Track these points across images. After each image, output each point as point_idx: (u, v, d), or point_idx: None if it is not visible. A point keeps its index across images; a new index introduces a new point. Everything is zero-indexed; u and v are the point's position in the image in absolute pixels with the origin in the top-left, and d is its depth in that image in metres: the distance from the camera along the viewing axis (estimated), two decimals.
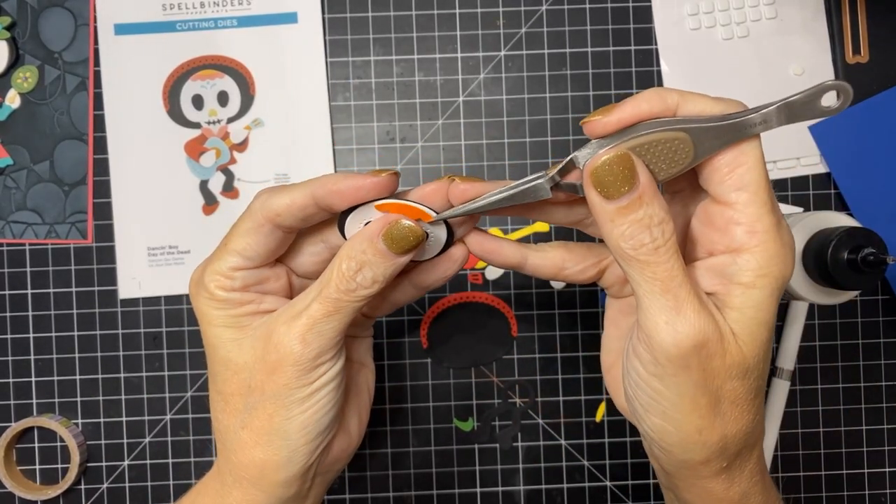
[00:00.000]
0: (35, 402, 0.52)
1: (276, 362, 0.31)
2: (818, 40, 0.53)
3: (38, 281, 0.52)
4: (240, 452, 0.32)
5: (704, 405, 0.28)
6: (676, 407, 0.28)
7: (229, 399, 0.32)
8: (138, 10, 0.52)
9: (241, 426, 0.32)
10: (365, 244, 0.31)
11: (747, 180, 0.28)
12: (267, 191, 0.32)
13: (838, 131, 0.52)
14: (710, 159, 0.28)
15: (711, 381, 0.28)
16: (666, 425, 0.29)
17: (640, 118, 0.28)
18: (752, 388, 0.28)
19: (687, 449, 0.29)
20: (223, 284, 0.32)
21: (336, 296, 0.31)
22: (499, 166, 0.53)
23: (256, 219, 0.31)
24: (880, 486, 0.53)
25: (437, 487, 0.52)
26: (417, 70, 0.53)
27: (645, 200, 0.27)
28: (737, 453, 0.29)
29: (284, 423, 0.31)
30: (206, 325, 0.32)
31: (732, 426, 0.28)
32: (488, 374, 0.53)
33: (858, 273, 0.38)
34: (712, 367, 0.27)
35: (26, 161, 0.52)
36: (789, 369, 0.51)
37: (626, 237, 0.27)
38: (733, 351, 0.28)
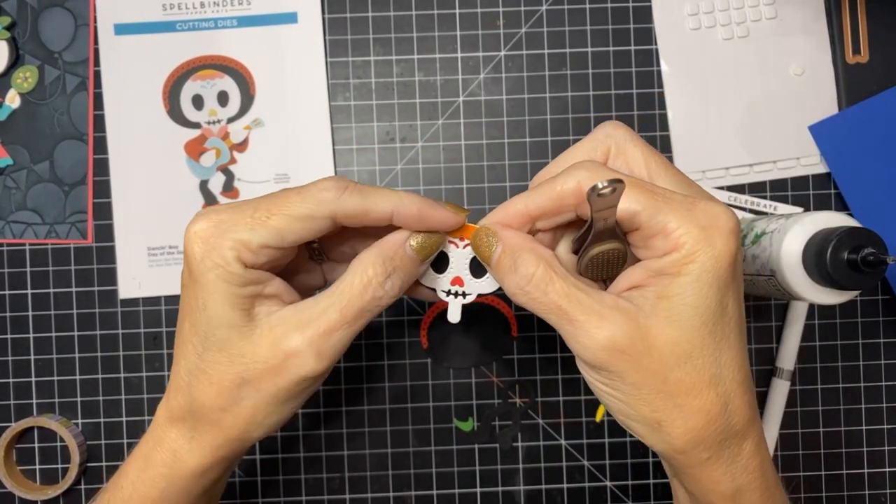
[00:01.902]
0: (35, 402, 0.52)
1: (282, 368, 0.30)
2: (818, 40, 0.53)
3: (38, 281, 0.52)
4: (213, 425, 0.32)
5: (654, 400, 0.28)
6: (630, 406, 0.29)
7: (216, 382, 0.31)
8: (138, 10, 0.52)
9: (223, 409, 0.31)
10: (395, 250, 0.31)
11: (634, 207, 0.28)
12: (340, 185, 0.31)
13: (838, 131, 0.52)
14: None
15: (651, 377, 0.28)
16: (629, 421, 0.30)
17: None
18: (702, 374, 0.28)
19: (658, 441, 0.29)
20: (246, 258, 0.30)
21: (361, 304, 0.30)
22: (499, 166, 0.53)
23: (320, 210, 0.30)
24: (880, 486, 0.53)
25: (437, 487, 0.52)
26: (417, 70, 0.53)
27: (507, 252, 0.30)
28: (718, 443, 0.29)
29: (266, 418, 0.31)
30: (206, 295, 0.30)
31: (698, 416, 0.28)
32: (488, 374, 0.53)
33: (858, 273, 0.38)
34: (645, 365, 0.28)
35: (26, 161, 0.52)
36: (789, 369, 0.51)
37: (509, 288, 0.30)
38: (662, 342, 0.28)
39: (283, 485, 0.52)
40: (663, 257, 0.28)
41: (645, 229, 0.28)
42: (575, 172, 0.29)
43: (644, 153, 0.31)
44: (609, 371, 0.28)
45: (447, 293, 0.34)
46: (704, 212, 0.28)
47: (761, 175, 0.53)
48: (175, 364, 0.32)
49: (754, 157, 0.52)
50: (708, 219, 0.28)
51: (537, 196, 0.30)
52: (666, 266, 0.28)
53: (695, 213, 0.28)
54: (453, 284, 0.34)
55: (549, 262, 0.30)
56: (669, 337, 0.28)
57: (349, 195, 0.30)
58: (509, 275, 0.30)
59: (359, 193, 0.31)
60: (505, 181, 0.53)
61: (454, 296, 0.34)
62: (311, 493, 0.52)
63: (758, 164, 0.53)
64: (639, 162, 0.31)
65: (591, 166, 0.29)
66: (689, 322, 0.28)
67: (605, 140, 0.32)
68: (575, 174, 0.29)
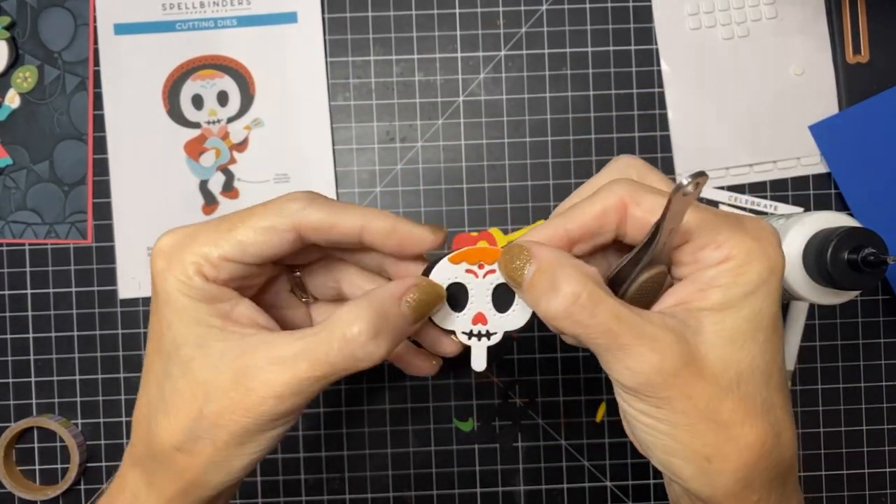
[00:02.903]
0: (35, 403, 0.52)
1: (240, 404, 0.27)
2: (818, 40, 0.53)
3: (37, 281, 0.52)
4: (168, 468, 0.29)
5: (706, 432, 0.26)
6: (676, 439, 0.26)
7: (173, 414, 0.28)
8: (138, 9, 0.52)
9: (178, 449, 0.28)
10: (389, 304, 0.28)
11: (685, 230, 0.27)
12: (307, 197, 0.29)
13: (839, 131, 0.52)
14: None
15: (704, 404, 0.25)
16: (672, 460, 0.27)
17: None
18: (756, 400, 0.26)
19: (705, 483, 0.26)
20: (207, 272, 0.28)
21: (335, 362, 0.27)
22: (499, 166, 0.53)
23: (284, 221, 0.29)
24: (881, 486, 0.53)
25: (437, 488, 0.52)
26: (417, 70, 0.53)
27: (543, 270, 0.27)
28: (768, 483, 0.26)
29: (227, 461, 0.29)
30: (169, 312, 0.28)
31: (751, 450, 0.26)
32: (488, 374, 0.53)
33: (859, 273, 0.38)
34: (697, 391, 0.25)
35: (26, 161, 0.52)
36: (789, 369, 0.51)
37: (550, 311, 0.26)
38: (713, 362, 0.26)
39: (282, 485, 0.52)
40: (717, 266, 0.26)
41: (696, 240, 0.26)
42: (615, 188, 0.27)
43: (667, 183, 0.29)
44: (657, 398, 0.26)
45: (469, 335, 0.30)
46: (752, 225, 0.27)
47: (761, 175, 0.53)
48: (138, 398, 0.30)
49: (754, 157, 0.52)
50: (758, 230, 0.27)
51: (576, 215, 0.28)
52: (719, 275, 0.26)
53: (745, 225, 0.27)
54: (475, 323, 0.30)
55: (596, 280, 0.27)
56: (722, 355, 0.26)
57: (315, 207, 0.29)
58: (548, 296, 0.26)
59: (326, 206, 0.29)
60: (505, 181, 0.53)
61: (477, 338, 0.30)
62: (311, 493, 0.52)
63: (758, 164, 0.53)
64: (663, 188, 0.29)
65: (630, 182, 0.28)
66: (741, 336, 0.26)
67: (625, 169, 0.30)
68: (615, 190, 0.27)
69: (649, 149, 0.53)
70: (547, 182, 0.53)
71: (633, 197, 0.27)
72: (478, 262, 0.29)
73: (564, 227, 0.28)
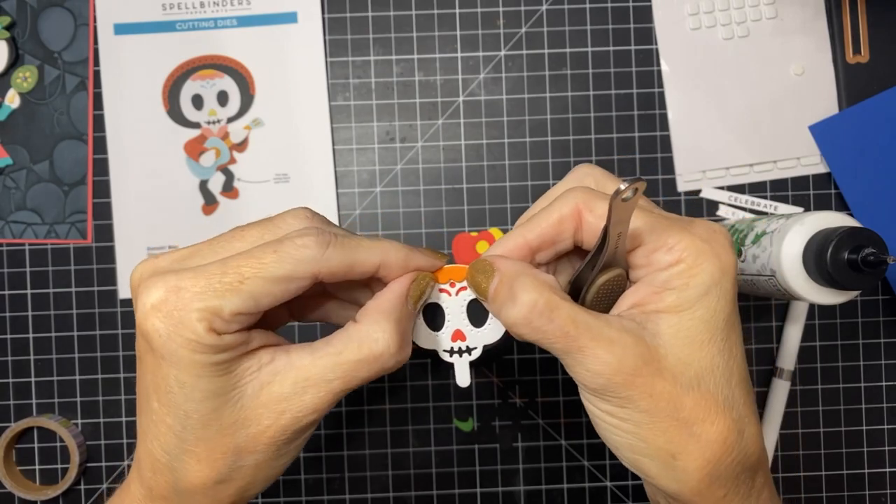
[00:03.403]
0: (35, 403, 0.52)
1: (277, 427, 0.28)
2: (818, 40, 0.53)
3: (37, 281, 0.52)
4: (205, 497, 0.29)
5: (668, 429, 0.26)
6: (641, 438, 0.27)
7: (206, 458, 0.28)
8: (138, 9, 0.52)
9: (218, 482, 0.28)
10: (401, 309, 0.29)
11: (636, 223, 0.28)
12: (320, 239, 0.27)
13: (839, 131, 0.52)
14: None
15: (665, 402, 0.26)
16: (639, 458, 0.28)
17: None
18: (717, 397, 0.26)
19: (672, 480, 0.27)
20: (218, 327, 0.26)
21: (367, 375, 0.28)
22: (499, 166, 0.53)
23: (301, 271, 0.27)
24: (881, 486, 0.53)
25: (437, 488, 0.52)
26: (417, 70, 0.53)
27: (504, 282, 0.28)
28: (734, 477, 0.27)
29: (266, 475, 0.29)
30: (180, 373, 0.26)
31: (714, 446, 0.26)
32: (488, 374, 0.53)
33: (859, 273, 0.38)
34: (658, 389, 0.26)
35: (26, 161, 0.52)
36: (789, 369, 0.51)
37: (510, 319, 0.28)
38: (673, 362, 0.26)
39: (282, 485, 0.52)
40: (668, 269, 0.27)
41: (647, 244, 0.27)
42: (570, 196, 0.28)
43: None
44: (620, 397, 0.27)
45: (450, 352, 0.31)
46: (702, 227, 0.28)
47: (761, 175, 0.53)
48: (143, 443, 0.29)
49: (754, 157, 0.52)
50: (707, 233, 0.27)
51: (535, 225, 0.29)
52: (672, 278, 0.27)
53: (694, 228, 0.27)
54: (454, 341, 0.31)
55: (552, 287, 0.28)
56: (680, 355, 0.26)
57: (333, 251, 0.27)
58: (509, 305, 0.27)
59: (342, 248, 0.28)
60: (505, 181, 0.53)
61: (458, 354, 0.31)
62: (311, 493, 0.52)
63: (758, 164, 0.53)
64: None
65: (585, 189, 0.29)
66: (698, 337, 0.26)
67: (583, 178, 0.31)
68: (570, 198, 0.28)
69: (649, 149, 0.53)
70: (547, 182, 0.53)
71: (587, 204, 0.28)
72: (448, 281, 0.31)
73: (524, 237, 0.29)
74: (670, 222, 0.28)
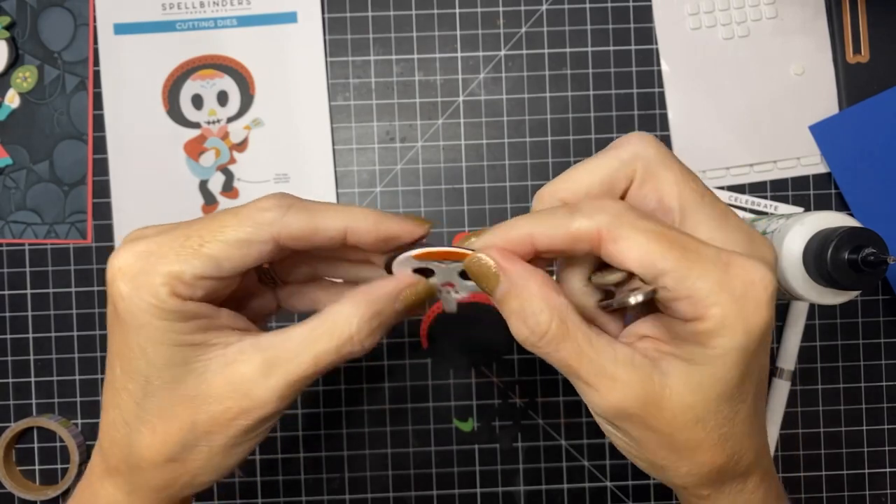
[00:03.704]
0: (34, 403, 0.52)
1: (238, 409, 0.27)
2: (818, 40, 0.53)
3: (37, 281, 0.52)
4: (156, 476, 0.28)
5: (658, 451, 0.27)
6: (635, 450, 0.28)
7: (161, 432, 0.27)
8: (138, 9, 0.52)
9: (170, 459, 0.28)
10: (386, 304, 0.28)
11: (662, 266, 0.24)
12: (282, 202, 0.27)
13: (839, 131, 0.52)
14: None
15: (659, 435, 0.26)
16: (634, 460, 0.29)
17: None
18: (713, 435, 0.26)
19: (661, 478, 0.29)
20: (181, 291, 0.26)
21: (337, 357, 0.27)
22: (499, 166, 0.53)
23: (260, 233, 0.27)
24: (881, 486, 0.53)
25: (437, 488, 0.52)
26: (417, 70, 0.53)
27: (513, 294, 0.26)
28: (718, 483, 0.28)
29: (220, 463, 0.28)
30: (141, 338, 0.26)
31: (702, 467, 0.27)
32: (488, 374, 0.53)
33: (859, 273, 0.38)
34: (654, 425, 0.26)
35: (26, 161, 0.52)
36: (790, 369, 0.51)
37: (516, 335, 0.27)
38: (675, 403, 0.26)
39: (282, 485, 0.52)
40: (689, 324, 0.25)
41: (671, 291, 0.24)
42: (596, 216, 0.25)
43: (678, 179, 0.27)
44: (618, 425, 0.27)
45: (440, 291, 0.31)
46: (739, 277, 0.24)
47: (762, 175, 0.53)
48: (105, 412, 0.29)
49: (754, 157, 0.52)
50: (743, 286, 0.24)
51: (546, 227, 0.26)
52: (691, 334, 0.25)
53: (729, 278, 0.24)
54: (444, 286, 0.31)
55: (563, 316, 0.26)
56: (683, 402, 0.26)
57: (294, 214, 0.27)
58: (518, 323, 0.26)
59: (305, 211, 0.27)
60: (505, 181, 0.53)
61: (447, 292, 0.32)
62: (311, 493, 0.52)
63: (758, 163, 0.53)
64: (671, 191, 0.27)
65: (614, 210, 0.25)
66: (708, 392, 0.25)
67: (631, 161, 0.27)
68: (596, 217, 0.25)
69: None
70: (547, 182, 0.52)
71: (612, 231, 0.25)
72: (442, 259, 0.30)
73: (531, 234, 0.26)
74: (704, 266, 0.24)
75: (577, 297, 0.29)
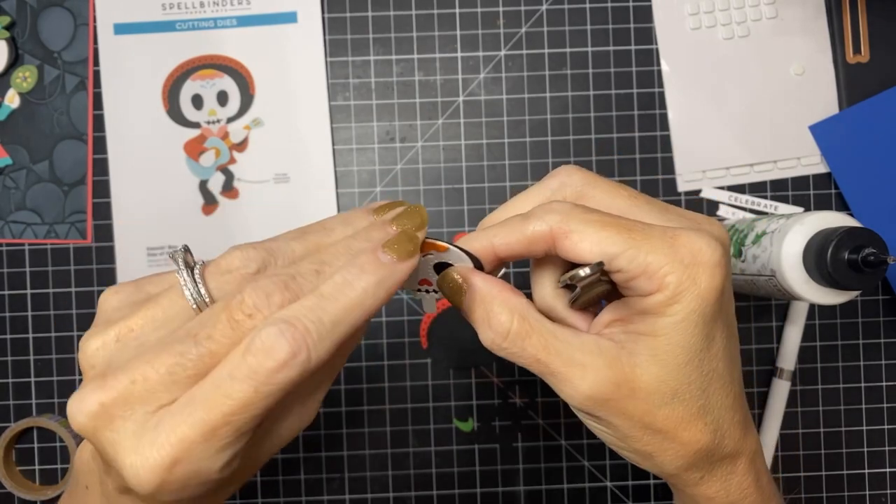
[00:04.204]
0: (34, 403, 0.52)
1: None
2: (818, 40, 0.53)
3: (37, 281, 0.52)
4: None
5: (643, 437, 0.28)
6: (621, 440, 0.29)
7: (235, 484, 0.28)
8: (138, 9, 0.52)
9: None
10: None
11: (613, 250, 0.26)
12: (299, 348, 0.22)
13: (839, 131, 0.52)
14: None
15: (637, 418, 0.27)
16: (621, 452, 0.30)
17: None
18: (690, 408, 0.27)
19: (650, 466, 0.29)
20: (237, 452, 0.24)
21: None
22: (499, 166, 0.53)
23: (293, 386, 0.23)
24: (881, 486, 0.53)
25: (437, 488, 0.52)
26: (417, 70, 0.53)
27: (477, 301, 0.28)
28: (710, 465, 0.29)
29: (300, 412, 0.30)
30: None
31: (688, 447, 0.28)
32: (488, 374, 0.53)
33: (859, 273, 0.38)
34: (630, 408, 0.27)
35: (25, 161, 0.52)
36: (790, 369, 0.51)
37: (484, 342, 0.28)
38: (647, 381, 0.27)
39: (282, 485, 0.52)
40: (647, 298, 0.27)
41: (626, 272, 0.27)
42: (546, 217, 0.27)
43: (607, 193, 0.29)
44: (594, 416, 0.28)
45: (417, 291, 0.32)
46: (686, 246, 0.26)
47: (762, 175, 0.53)
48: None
49: (754, 157, 0.52)
50: (690, 254, 0.26)
51: (505, 234, 0.28)
52: (650, 306, 0.27)
53: (676, 249, 0.26)
54: (422, 285, 0.32)
55: (524, 314, 0.28)
56: (654, 376, 0.27)
57: (316, 355, 0.23)
58: (483, 328, 0.28)
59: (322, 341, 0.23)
60: (505, 181, 0.53)
61: (426, 292, 0.32)
62: (311, 493, 0.52)
63: (758, 163, 0.53)
64: (603, 204, 0.29)
65: (562, 209, 0.27)
66: (675, 360, 0.27)
67: (560, 189, 0.29)
68: (546, 218, 0.27)
69: (649, 149, 0.53)
70: None
71: (562, 227, 0.27)
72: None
73: (492, 243, 0.29)
74: (652, 242, 0.26)
75: (548, 300, 0.31)
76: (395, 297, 0.53)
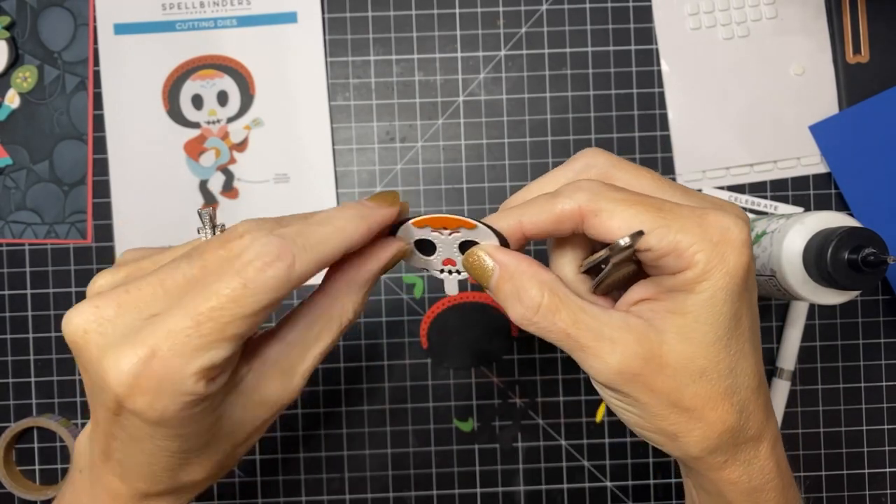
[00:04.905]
0: (34, 403, 0.52)
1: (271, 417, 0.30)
2: (818, 40, 0.53)
3: (37, 281, 0.52)
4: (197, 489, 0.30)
5: (669, 416, 0.28)
6: (646, 420, 0.29)
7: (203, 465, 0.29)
8: (138, 9, 0.52)
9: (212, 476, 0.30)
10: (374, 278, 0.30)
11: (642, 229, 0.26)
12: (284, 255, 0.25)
13: (839, 131, 0.52)
14: None
15: (665, 395, 0.27)
16: (645, 433, 0.30)
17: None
18: (718, 387, 0.28)
19: (674, 448, 0.29)
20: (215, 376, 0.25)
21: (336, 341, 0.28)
22: (499, 166, 0.53)
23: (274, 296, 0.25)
24: (881, 486, 0.53)
25: (437, 488, 0.52)
26: (417, 70, 0.53)
27: (505, 278, 0.29)
28: (734, 447, 0.29)
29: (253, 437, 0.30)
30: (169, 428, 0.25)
31: (714, 427, 0.28)
32: (488, 374, 0.53)
33: (859, 273, 0.38)
34: (658, 385, 0.27)
35: (26, 161, 0.52)
36: (790, 369, 0.51)
37: (514, 317, 0.28)
38: (675, 359, 0.27)
39: (282, 485, 0.52)
40: (676, 276, 0.27)
41: (655, 250, 0.27)
42: (575, 195, 0.27)
43: (632, 174, 0.30)
44: (622, 392, 0.28)
45: (441, 272, 0.32)
46: (715, 225, 0.27)
47: (762, 175, 0.53)
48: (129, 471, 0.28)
49: (754, 157, 0.52)
50: (719, 232, 0.26)
51: (534, 212, 0.28)
52: (678, 284, 0.27)
53: (705, 228, 0.26)
54: (445, 265, 0.32)
55: (553, 288, 0.28)
56: (683, 353, 0.27)
57: (301, 265, 0.25)
58: (512, 303, 0.28)
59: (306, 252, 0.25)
60: (505, 181, 0.53)
61: (448, 273, 0.32)
62: (311, 493, 0.52)
63: (758, 163, 0.53)
64: (628, 185, 0.29)
65: (591, 187, 0.27)
66: (703, 338, 0.27)
67: (584, 171, 0.30)
68: (575, 196, 0.27)
69: (649, 149, 0.53)
70: None
71: (591, 205, 0.27)
72: (440, 228, 0.31)
73: (520, 221, 0.29)
74: (681, 221, 0.27)
75: (569, 286, 0.30)
76: (395, 298, 0.53)
